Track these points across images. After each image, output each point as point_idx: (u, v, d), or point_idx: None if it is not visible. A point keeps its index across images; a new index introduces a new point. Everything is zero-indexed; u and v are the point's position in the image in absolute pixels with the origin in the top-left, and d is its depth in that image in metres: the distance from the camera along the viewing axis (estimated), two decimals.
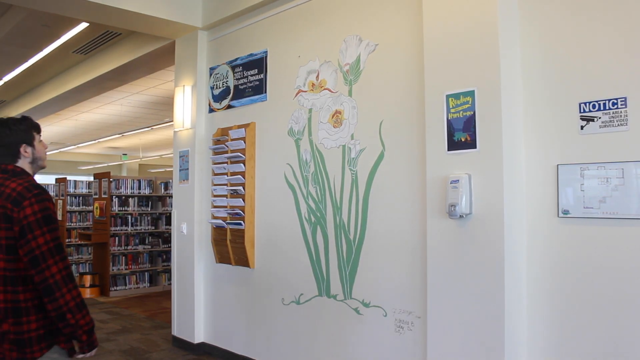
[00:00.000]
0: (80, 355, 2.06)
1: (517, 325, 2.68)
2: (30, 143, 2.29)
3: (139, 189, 8.54)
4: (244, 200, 4.37)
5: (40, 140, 2.36)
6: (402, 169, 3.28)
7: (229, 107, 4.72)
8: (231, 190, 4.49)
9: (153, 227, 8.56)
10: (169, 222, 8.60)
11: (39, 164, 2.35)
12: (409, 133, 3.25)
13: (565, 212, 2.59)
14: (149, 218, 8.53)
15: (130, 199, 8.39)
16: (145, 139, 15.68)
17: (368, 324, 3.43)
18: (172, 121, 6.60)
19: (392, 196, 3.33)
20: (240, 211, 4.38)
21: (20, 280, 2.03)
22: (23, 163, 2.26)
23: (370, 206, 3.46)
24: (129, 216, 8.32)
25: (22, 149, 2.25)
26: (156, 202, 8.74)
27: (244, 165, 4.39)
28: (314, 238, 3.86)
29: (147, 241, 8.47)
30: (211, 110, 4.95)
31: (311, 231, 3.88)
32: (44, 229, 2.03)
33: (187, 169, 5.01)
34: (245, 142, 4.40)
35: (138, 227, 8.37)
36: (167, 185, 8.80)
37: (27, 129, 2.30)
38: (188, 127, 5.06)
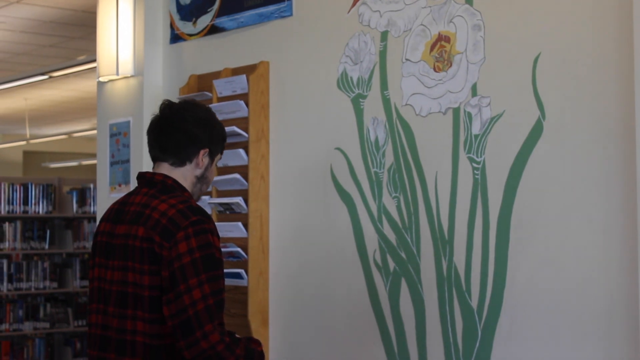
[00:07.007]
0: None
1: None
2: (213, 154, 3.15)
3: (26, 203, 8.68)
4: (245, 227, 4.48)
5: (216, 163, 3.23)
6: (584, 157, 3.32)
7: (213, 30, 4.85)
8: (220, 205, 4.63)
9: (55, 284, 8.68)
10: (87, 272, 8.80)
11: (202, 189, 3.19)
12: (595, 82, 3.29)
13: None
14: (46, 265, 8.64)
15: (8, 224, 8.56)
16: (38, 99, 16.04)
17: None
18: (92, 62, 6.78)
19: (563, 212, 3.36)
20: (239, 249, 4.48)
21: (164, 351, 2.80)
22: (188, 175, 3.07)
23: (514, 235, 3.50)
24: (4, 261, 8.50)
25: (201, 153, 3.08)
26: (62, 232, 8.87)
27: (246, 152, 4.50)
28: (394, 304, 3.92)
29: (42, 313, 8.61)
30: (176, 38, 5.08)
31: (388, 290, 3.94)
32: (202, 277, 2.75)
33: (128, 160, 5.13)
34: (247, 105, 4.52)
35: (23, 285, 8.50)
36: (83, 196, 8.94)
37: (220, 133, 3.17)
38: (128, 73, 5.18)
